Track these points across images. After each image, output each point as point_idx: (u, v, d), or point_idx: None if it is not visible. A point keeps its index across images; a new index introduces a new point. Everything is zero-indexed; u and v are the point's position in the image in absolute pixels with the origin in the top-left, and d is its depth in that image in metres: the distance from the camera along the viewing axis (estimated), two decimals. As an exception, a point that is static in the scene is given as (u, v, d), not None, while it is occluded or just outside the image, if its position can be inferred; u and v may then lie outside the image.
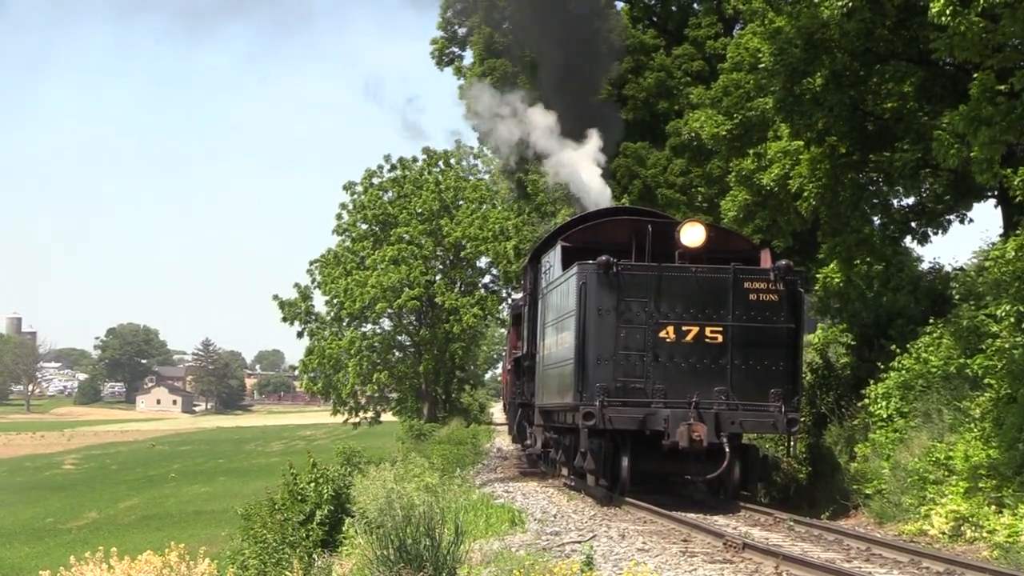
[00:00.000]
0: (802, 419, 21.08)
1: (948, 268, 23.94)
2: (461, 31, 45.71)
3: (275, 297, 68.97)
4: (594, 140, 31.99)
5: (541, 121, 33.63)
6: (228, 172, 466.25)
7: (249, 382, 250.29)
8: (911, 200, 23.69)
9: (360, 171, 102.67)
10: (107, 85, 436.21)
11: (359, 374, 65.99)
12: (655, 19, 39.96)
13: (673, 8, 39.75)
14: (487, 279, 69.75)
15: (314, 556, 17.96)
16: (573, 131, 32.55)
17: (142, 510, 53.52)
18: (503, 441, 47.23)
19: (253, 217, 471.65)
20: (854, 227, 23.06)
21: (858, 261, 23.47)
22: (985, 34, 16.57)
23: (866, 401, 21.35)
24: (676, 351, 19.52)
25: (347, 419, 70.39)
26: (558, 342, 21.52)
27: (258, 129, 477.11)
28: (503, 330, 70.37)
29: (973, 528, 16.09)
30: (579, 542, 15.09)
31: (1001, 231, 21.92)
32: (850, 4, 19.32)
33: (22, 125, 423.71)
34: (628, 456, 19.88)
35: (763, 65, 23.31)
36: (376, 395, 69.37)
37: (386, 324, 68.32)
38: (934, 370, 19.92)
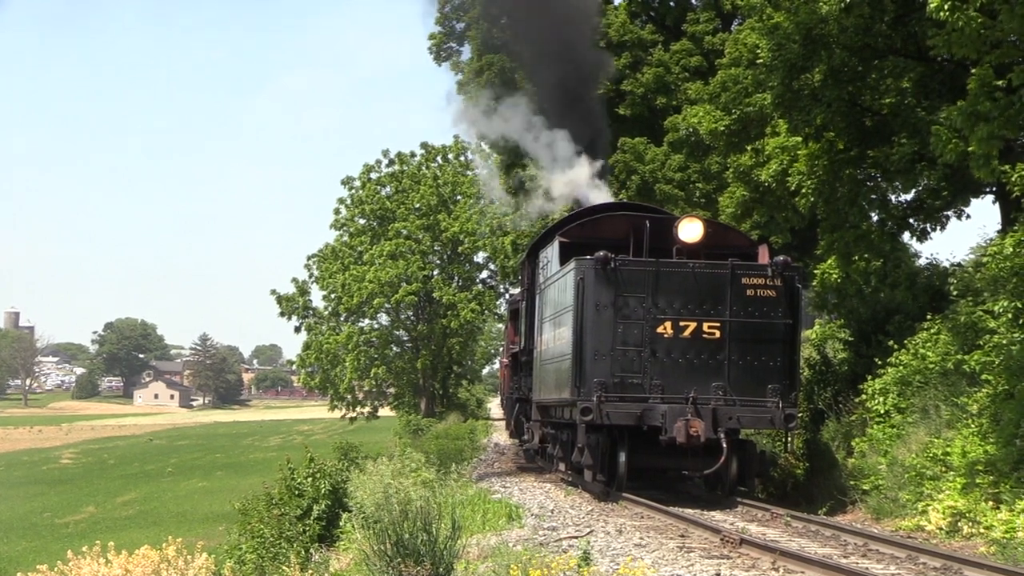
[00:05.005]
0: (799, 415, 21.09)
1: (946, 264, 23.97)
2: (459, 27, 45.70)
3: (273, 292, 69.09)
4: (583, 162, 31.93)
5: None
6: (226, 166, 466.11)
7: (247, 377, 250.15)
8: (909, 196, 23.70)
9: (358, 166, 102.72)
10: (103, 81, 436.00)
11: (356, 369, 66.02)
12: (653, 14, 39.98)
13: (671, 3, 39.77)
14: (485, 274, 69.83)
15: (311, 551, 17.96)
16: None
17: (139, 505, 53.49)
18: (500, 436, 47.26)
19: (251, 212, 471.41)
20: (852, 223, 23.05)
21: (856, 257, 23.46)
22: (983, 30, 16.56)
23: (863, 397, 21.37)
24: (674, 347, 19.52)
25: (344, 414, 70.39)
26: (555, 337, 21.52)
27: (256, 124, 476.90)
28: (501, 325, 70.39)
29: (970, 524, 16.10)
30: (576, 537, 15.09)
31: (999, 227, 21.93)
32: (848, 0, 19.33)
33: (22, 122, 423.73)
34: (625, 451, 19.89)
35: (761, 61, 23.30)
36: (373, 390, 69.39)
37: (384, 319, 68.41)
38: (932, 366, 19.93)
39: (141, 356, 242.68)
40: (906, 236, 23.91)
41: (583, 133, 31.82)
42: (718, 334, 19.53)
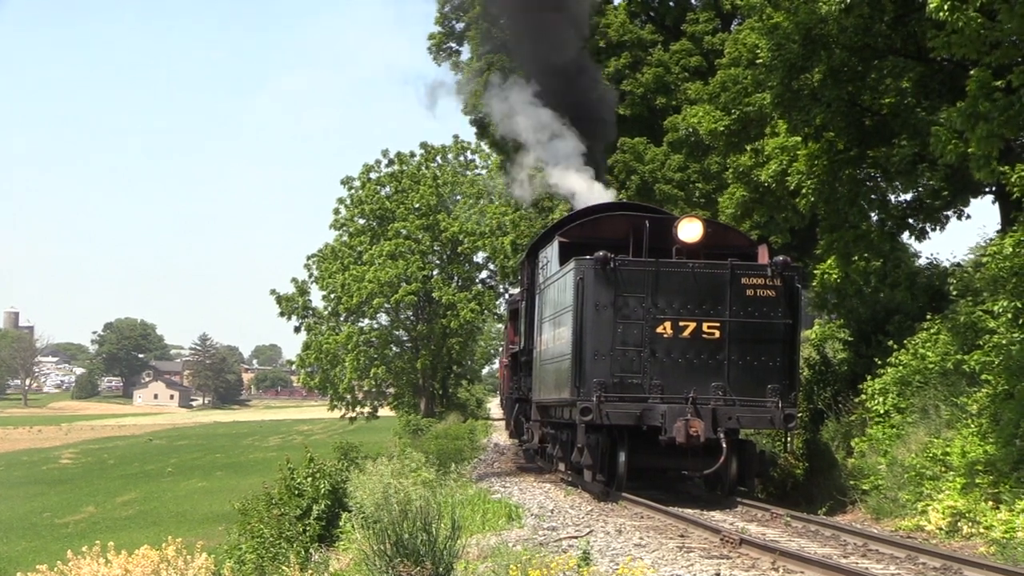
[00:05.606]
0: (799, 415, 21.09)
1: (946, 264, 23.97)
2: (459, 26, 45.67)
3: (272, 292, 69.06)
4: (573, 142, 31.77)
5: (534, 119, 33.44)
6: (226, 166, 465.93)
7: (246, 377, 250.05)
8: (909, 196, 23.71)
9: (358, 166, 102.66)
10: (103, 81, 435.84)
11: (356, 369, 65.98)
12: (653, 14, 39.96)
13: (671, 3, 39.75)
14: (484, 274, 69.79)
15: (311, 551, 17.97)
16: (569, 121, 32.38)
17: (139, 505, 53.48)
18: (500, 436, 47.27)
19: (251, 212, 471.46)
20: (852, 223, 23.06)
21: (856, 257, 23.46)
22: (983, 30, 16.56)
23: (863, 397, 21.36)
24: (673, 347, 19.52)
25: (344, 414, 70.36)
26: (555, 337, 21.51)
27: (256, 124, 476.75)
28: (500, 325, 70.34)
29: (970, 524, 16.09)
30: (576, 537, 15.09)
31: (999, 227, 21.93)
32: (848, 0, 19.33)
33: (22, 122, 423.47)
34: (625, 451, 19.88)
35: (761, 61, 23.29)
36: (373, 390, 69.36)
37: (383, 319, 68.38)
38: (931, 366, 19.93)
39: (141, 356, 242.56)
40: (905, 236, 23.94)
41: (549, 81, 31.75)
42: (718, 334, 19.52)
